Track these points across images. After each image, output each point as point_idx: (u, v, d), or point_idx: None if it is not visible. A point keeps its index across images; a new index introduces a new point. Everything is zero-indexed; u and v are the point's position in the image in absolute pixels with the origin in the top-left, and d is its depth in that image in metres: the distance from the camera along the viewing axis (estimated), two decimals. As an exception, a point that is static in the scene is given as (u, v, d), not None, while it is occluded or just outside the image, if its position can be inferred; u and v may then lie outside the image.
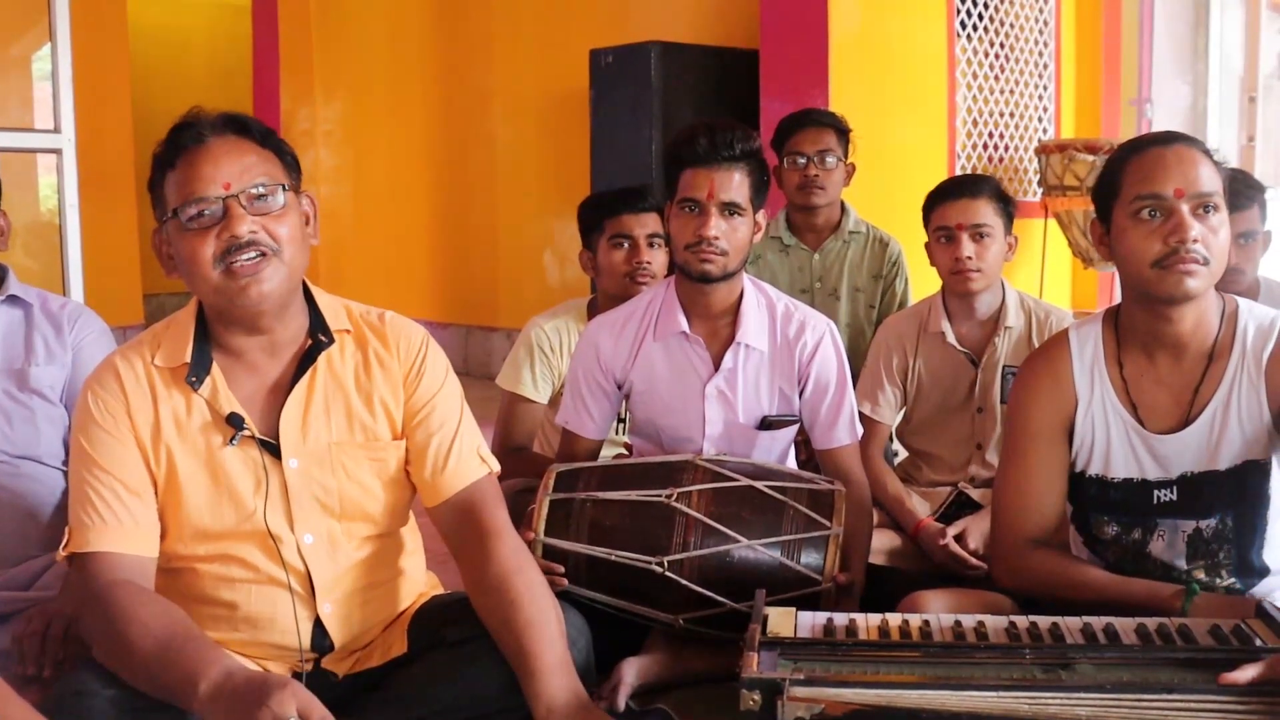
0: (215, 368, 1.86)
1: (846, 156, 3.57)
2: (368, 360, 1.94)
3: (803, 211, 3.58)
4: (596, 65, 5.60)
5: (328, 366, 1.92)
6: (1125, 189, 1.96)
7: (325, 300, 1.96)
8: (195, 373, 1.84)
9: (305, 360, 1.90)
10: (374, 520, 1.95)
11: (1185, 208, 1.90)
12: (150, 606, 1.71)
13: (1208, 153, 1.96)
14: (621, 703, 2.21)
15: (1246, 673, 1.53)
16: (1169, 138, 1.99)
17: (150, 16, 8.51)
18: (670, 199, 2.51)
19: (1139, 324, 2.03)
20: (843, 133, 3.55)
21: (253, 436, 1.85)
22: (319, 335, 1.91)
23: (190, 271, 1.79)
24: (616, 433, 3.16)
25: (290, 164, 1.88)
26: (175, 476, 1.83)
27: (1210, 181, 1.92)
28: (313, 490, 1.89)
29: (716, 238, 2.42)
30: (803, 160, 3.49)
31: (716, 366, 2.55)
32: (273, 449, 1.86)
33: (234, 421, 1.84)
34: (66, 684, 1.73)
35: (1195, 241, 1.89)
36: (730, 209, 2.43)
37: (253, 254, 1.76)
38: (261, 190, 1.79)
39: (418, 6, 7.24)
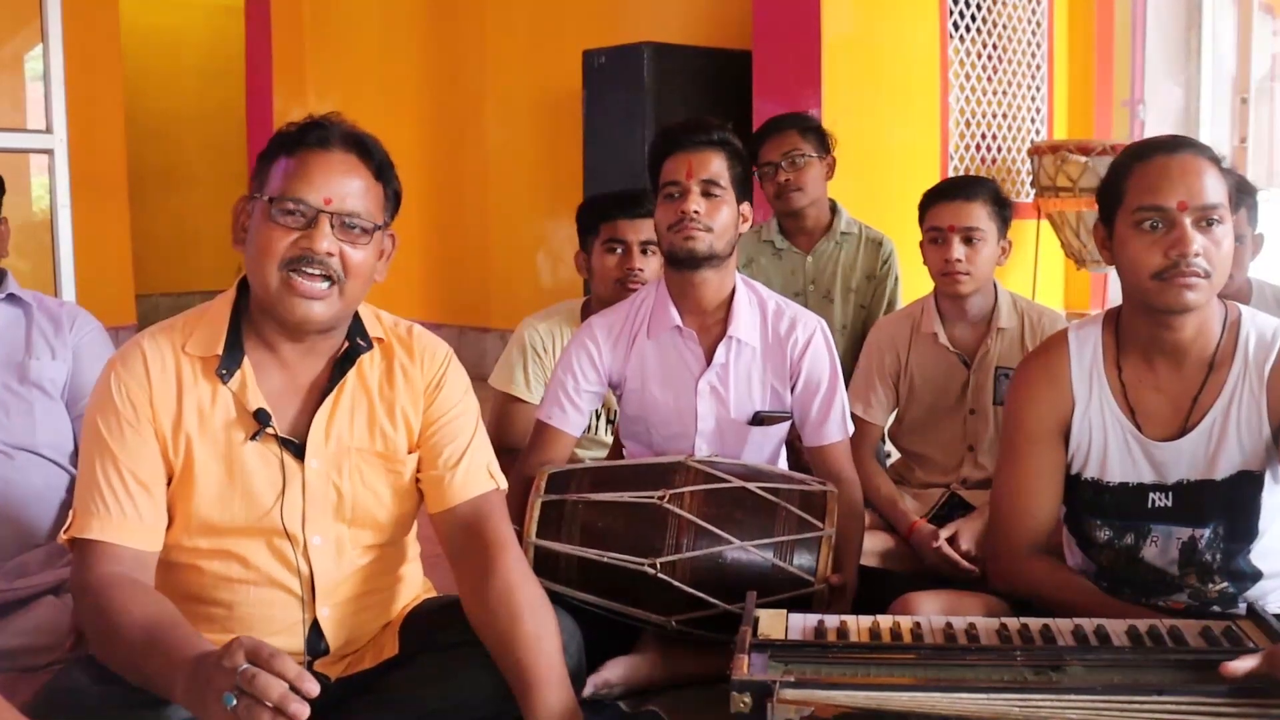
0: (246, 362, 1.86)
1: (828, 150, 3.56)
2: (392, 370, 1.95)
3: (789, 216, 3.58)
4: (589, 66, 5.60)
5: (358, 373, 1.92)
6: (1129, 197, 1.94)
7: (362, 307, 1.96)
8: (226, 365, 1.84)
9: (341, 363, 1.91)
10: (381, 528, 1.96)
11: (1188, 220, 1.88)
12: (140, 598, 1.70)
13: (1215, 160, 1.93)
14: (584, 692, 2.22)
15: (1245, 663, 1.53)
16: (1175, 144, 1.96)
17: (142, 16, 8.49)
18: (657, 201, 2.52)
19: (1139, 330, 2.02)
20: (809, 129, 3.53)
21: (275, 435, 1.85)
22: (357, 340, 1.92)
23: (255, 257, 1.81)
24: (597, 432, 3.17)
25: (391, 200, 1.91)
26: (191, 467, 1.83)
27: (1215, 193, 1.90)
28: (327, 493, 1.89)
29: (698, 212, 2.43)
30: (771, 168, 3.48)
31: (709, 362, 2.55)
32: (294, 448, 1.86)
33: (260, 418, 1.84)
34: (57, 681, 1.73)
35: (1197, 255, 1.87)
36: (710, 187, 2.45)
37: (317, 272, 1.78)
38: (354, 219, 1.82)
39: (410, 7, 7.24)
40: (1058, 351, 2.10)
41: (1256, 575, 2.02)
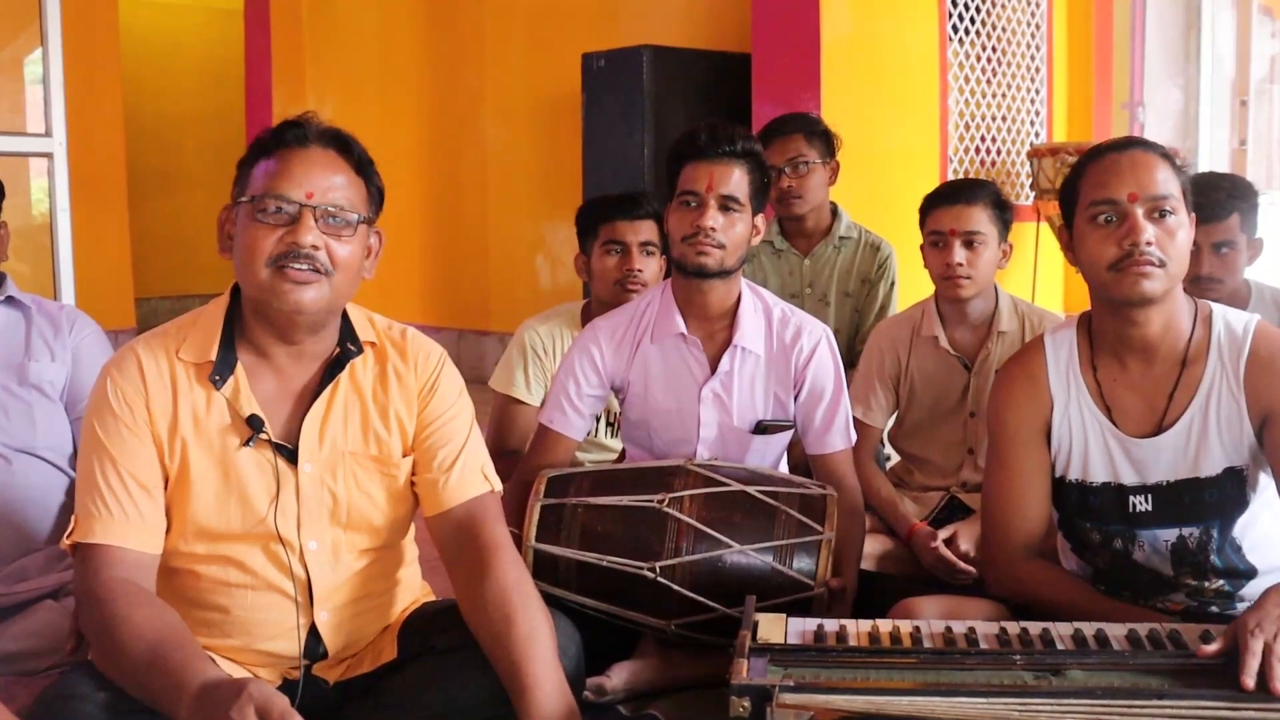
0: (239, 367, 1.86)
1: (833, 155, 3.54)
2: (385, 374, 1.95)
3: (790, 219, 3.58)
4: (588, 69, 5.60)
5: (350, 377, 1.93)
6: (1083, 195, 2.00)
7: (353, 310, 1.97)
8: (219, 371, 1.84)
9: (332, 368, 1.91)
10: (377, 532, 1.95)
11: (1139, 211, 1.93)
12: (145, 610, 1.70)
13: (1167, 157, 1.99)
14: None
15: (1215, 645, 1.62)
16: (1126, 143, 2.02)
17: (141, 20, 8.50)
18: (670, 200, 2.51)
19: (1107, 328, 2.05)
20: (815, 134, 3.51)
21: (269, 440, 1.85)
22: (348, 344, 1.93)
23: (243, 259, 1.81)
24: (598, 435, 3.17)
25: (374, 197, 1.91)
26: (187, 473, 1.83)
27: (1165, 185, 1.95)
28: (322, 497, 1.89)
29: (714, 229, 2.41)
30: (775, 172, 3.43)
31: (713, 369, 2.55)
32: (288, 453, 1.87)
33: (253, 423, 1.84)
34: (58, 687, 1.72)
35: (1149, 244, 1.92)
36: (728, 203, 2.43)
37: (304, 267, 1.78)
38: (338, 211, 1.82)
39: (410, 10, 7.24)
40: (1035, 354, 2.13)
41: (1251, 571, 2.03)
